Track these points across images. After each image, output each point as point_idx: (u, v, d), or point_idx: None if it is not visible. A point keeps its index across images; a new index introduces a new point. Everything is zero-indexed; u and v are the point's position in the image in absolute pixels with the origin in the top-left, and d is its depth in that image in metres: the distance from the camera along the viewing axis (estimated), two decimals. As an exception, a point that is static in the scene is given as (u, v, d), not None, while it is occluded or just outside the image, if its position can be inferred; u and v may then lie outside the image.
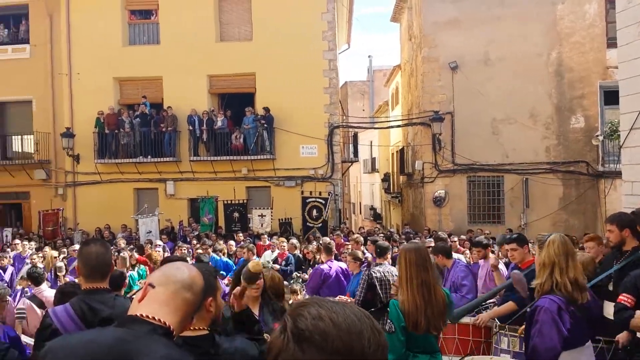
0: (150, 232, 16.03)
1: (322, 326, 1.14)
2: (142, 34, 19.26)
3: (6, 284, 8.83)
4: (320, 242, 10.85)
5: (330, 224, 16.95)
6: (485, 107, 17.74)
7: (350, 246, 10.77)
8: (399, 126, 22.64)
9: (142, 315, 1.70)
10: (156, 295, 1.76)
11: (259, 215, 16.82)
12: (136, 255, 10.23)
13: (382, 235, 14.66)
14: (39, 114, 19.38)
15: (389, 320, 3.60)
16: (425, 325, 3.49)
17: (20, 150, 20.33)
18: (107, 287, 3.00)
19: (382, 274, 6.29)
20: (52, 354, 1.64)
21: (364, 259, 8.14)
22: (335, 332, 1.13)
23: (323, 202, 16.37)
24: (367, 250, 9.69)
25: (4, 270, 10.73)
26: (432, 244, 9.07)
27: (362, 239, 9.81)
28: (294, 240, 12.15)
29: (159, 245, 12.68)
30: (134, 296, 3.77)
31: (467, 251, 10.69)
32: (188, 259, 8.71)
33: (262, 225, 16.59)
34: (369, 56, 43.55)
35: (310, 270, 9.16)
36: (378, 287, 6.17)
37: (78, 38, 18.80)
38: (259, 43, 18.33)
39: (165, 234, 16.26)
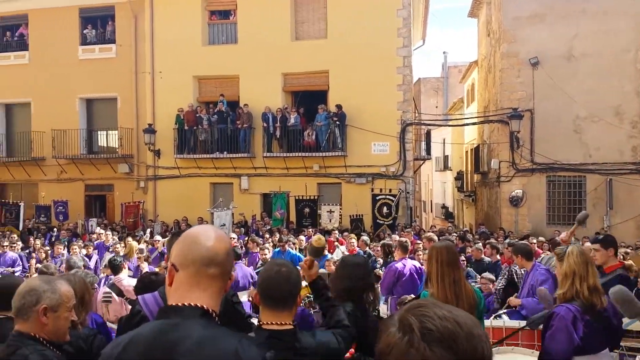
0: (224, 225, 16.46)
1: (450, 327, 1.14)
2: (220, 34, 19.82)
3: (91, 271, 9.38)
4: (383, 241, 10.80)
5: (401, 222, 16.80)
6: (567, 104, 16.98)
7: (422, 244, 10.64)
8: (474, 123, 22.07)
9: (174, 304, 1.67)
10: (181, 279, 1.69)
11: (327, 211, 16.94)
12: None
13: (455, 234, 14.36)
14: (123, 110, 20.39)
15: None
16: None
17: (105, 145, 21.51)
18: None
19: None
20: (104, 354, 1.66)
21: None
22: (462, 333, 1.14)
23: (393, 199, 16.24)
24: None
25: (89, 258, 11.36)
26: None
27: (435, 237, 9.61)
28: (365, 237, 12.13)
29: (234, 236, 13.03)
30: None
31: (545, 253, 10.28)
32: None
33: (330, 221, 16.69)
34: (444, 52, 42.71)
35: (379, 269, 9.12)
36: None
37: (161, 38, 19.63)
38: (333, 41, 18.41)
39: (238, 228, 16.67)
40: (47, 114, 20.44)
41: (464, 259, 10.58)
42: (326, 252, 10.60)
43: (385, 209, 16.11)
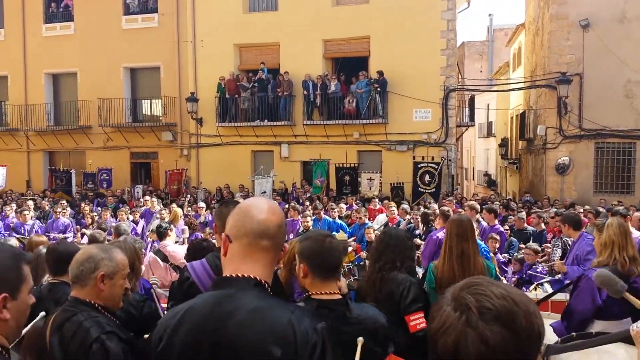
0: (265, 192, 16.71)
1: (508, 305, 1.14)
2: (261, 1, 19.69)
3: (139, 237, 9.69)
4: (423, 210, 10.74)
5: (443, 190, 16.64)
6: (618, 68, 16.27)
7: (462, 213, 10.54)
8: (520, 89, 21.43)
9: (229, 275, 1.71)
10: (234, 250, 1.75)
11: (367, 179, 16.89)
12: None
13: (497, 203, 14.15)
14: (166, 79, 20.66)
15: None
16: None
17: (149, 114, 21.93)
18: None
19: None
20: (161, 322, 1.72)
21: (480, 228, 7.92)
22: (520, 311, 1.15)
23: (435, 167, 16.06)
24: (482, 218, 9.40)
25: (136, 224, 11.71)
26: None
27: (477, 206, 9.49)
28: (405, 206, 12.07)
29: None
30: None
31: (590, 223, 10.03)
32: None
33: (370, 189, 16.66)
34: (490, 15, 41.23)
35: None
36: None
37: (202, 6, 19.64)
38: (375, 5, 18.05)
39: (278, 195, 16.85)
40: (92, 83, 20.90)
41: (507, 228, 10.44)
42: (366, 220, 10.65)
43: (427, 177, 15.95)
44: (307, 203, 14.27)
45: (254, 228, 1.73)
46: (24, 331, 2.28)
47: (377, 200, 14.36)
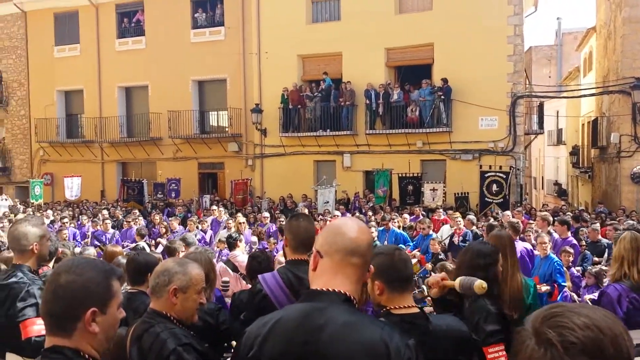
0: (328, 202, 16.77)
1: (593, 336, 1.10)
2: (324, 11, 19.89)
3: (207, 246, 9.93)
4: (489, 223, 10.43)
5: (511, 200, 16.14)
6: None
7: (534, 225, 10.18)
8: (592, 95, 20.55)
9: (320, 288, 1.76)
10: (325, 265, 1.80)
11: (430, 189, 16.63)
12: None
13: (569, 213, 13.59)
14: (232, 91, 21.19)
15: None
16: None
17: (216, 125, 22.55)
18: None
19: None
20: (250, 331, 1.78)
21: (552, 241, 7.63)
22: (606, 339, 1.10)
23: (504, 176, 15.62)
24: (554, 230, 9.06)
25: (204, 233, 12.01)
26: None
27: (550, 217, 9.14)
28: (471, 216, 11.80)
29: (337, 214, 13.22)
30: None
31: None
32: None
33: (433, 199, 16.39)
34: (558, 18, 39.80)
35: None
36: None
37: (267, 19, 20.05)
38: (439, 12, 17.84)
39: (341, 205, 16.87)
40: (162, 96, 21.71)
41: (580, 239, 10.00)
42: (430, 231, 10.48)
43: (494, 187, 15.52)
44: (370, 213, 14.22)
45: (346, 245, 1.81)
46: None
47: (441, 210, 14.11)
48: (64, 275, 1.74)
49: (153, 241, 11.53)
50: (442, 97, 17.43)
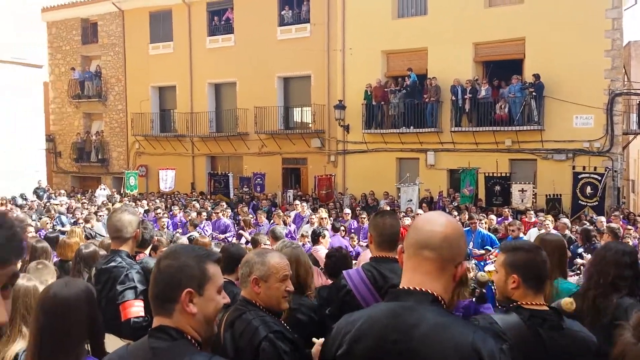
0: (411, 200, 16.56)
1: None
2: (410, 6, 19.62)
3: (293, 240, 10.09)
4: (584, 227, 9.85)
5: (607, 204, 15.22)
6: None
7: (632, 231, 9.56)
8: (702, 92, 18.92)
9: (407, 287, 1.73)
10: (405, 261, 1.78)
11: (519, 190, 16.00)
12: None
13: (673, 220, 12.61)
14: (316, 87, 21.41)
15: None
16: None
17: (300, 121, 22.88)
18: (395, 257, 3.16)
19: None
20: (339, 327, 1.79)
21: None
22: None
23: (599, 178, 14.74)
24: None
25: (288, 226, 12.20)
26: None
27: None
28: (565, 220, 11.20)
29: (420, 213, 13.03)
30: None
31: None
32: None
33: (522, 201, 15.75)
34: (663, 9, 36.96)
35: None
36: None
37: (352, 15, 20.06)
38: (531, 5, 17.08)
39: (425, 204, 16.61)
40: (249, 92, 22.30)
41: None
42: (521, 233, 10.08)
43: (589, 189, 14.68)
44: (455, 213, 13.89)
45: (417, 239, 1.77)
46: None
47: (532, 212, 13.53)
48: (163, 260, 1.86)
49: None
50: (534, 93, 16.69)
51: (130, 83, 25.66)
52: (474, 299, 3.18)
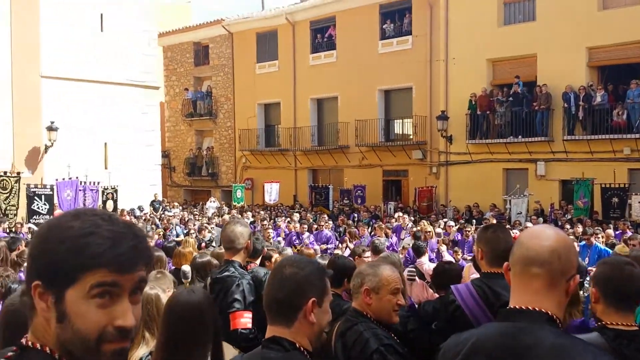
0: (521, 213, 15.89)
1: None
2: (517, 13, 18.97)
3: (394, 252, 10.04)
4: None
5: None
6: None
7: None
8: None
9: (518, 306, 1.64)
10: (513, 279, 1.69)
11: (639, 202, 14.80)
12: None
13: None
14: (417, 99, 21.23)
15: None
16: None
17: (400, 133, 22.79)
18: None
19: None
20: (447, 347, 1.72)
21: None
22: None
23: None
24: None
25: (390, 239, 12.14)
26: None
27: None
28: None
29: (529, 226, 12.46)
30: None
31: None
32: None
33: (642, 214, 14.57)
34: None
35: None
36: None
37: (455, 24, 19.70)
38: (653, 4, 15.90)
39: (535, 216, 15.85)
40: (350, 106, 22.57)
41: None
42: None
43: None
44: (568, 226, 13.12)
45: (522, 254, 1.67)
46: None
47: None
48: (288, 268, 1.91)
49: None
50: (657, 98, 15.45)
51: (238, 101, 26.88)
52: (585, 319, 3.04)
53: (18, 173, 16.53)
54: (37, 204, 15.71)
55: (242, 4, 51.90)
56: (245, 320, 3.58)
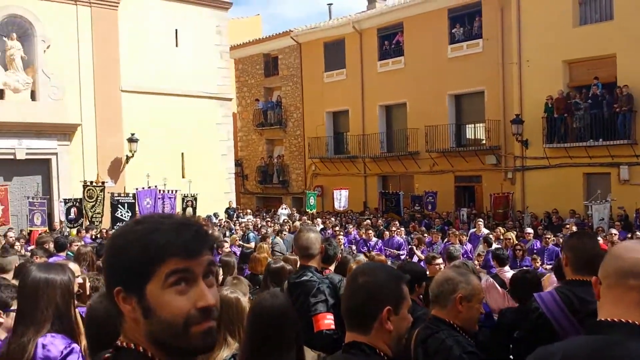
0: (603, 219, 15.13)
1: None
2: (593, 12, 18.17)
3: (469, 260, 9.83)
4: None
5: None
6: None
7: None
8: None
9: (608, 319, 1.58)
10: (604, 292, 1.62)
11: None
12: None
13: None
14: (490, 103, 20.73)
15: None
16: None
17: (472, 137, 22.32)
18: (594, 281, 2.96)
19: None
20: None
21: None
22: None
23: None
24: None
25: (464, 246, 11.88)
26: None
27: None
28: None
29: (613, 233, 11.91)
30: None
31: None
32: None
33: None
34: None
35: None
36: None
37: (528, 25, 19.11)
38: None
39: (618, 222, 15.05)
40: (420, 111, 22.34)
41: None
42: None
43: None
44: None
45: (619, 266, 1.62)
46: None
47: None
48: (361, 276, 1.96)
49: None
50: None
51: (307, 110, 27.24)
52: None
53: (103, 183, 17.48)
54: (121, 212, 16.54)
55: (310, 14, 52.63)
56: (328, 321, 3.66)
